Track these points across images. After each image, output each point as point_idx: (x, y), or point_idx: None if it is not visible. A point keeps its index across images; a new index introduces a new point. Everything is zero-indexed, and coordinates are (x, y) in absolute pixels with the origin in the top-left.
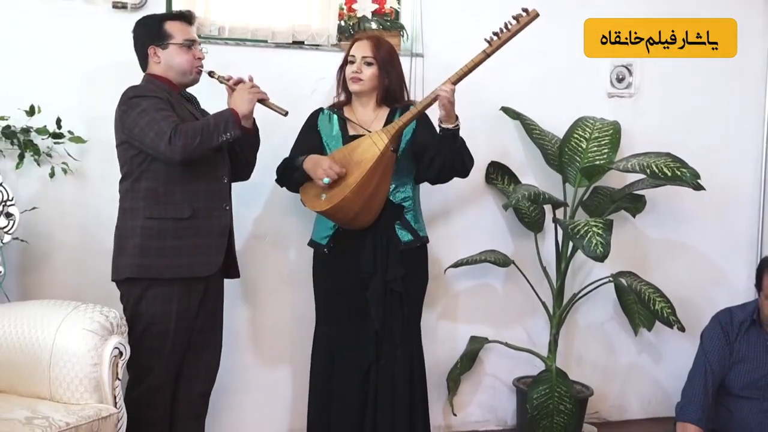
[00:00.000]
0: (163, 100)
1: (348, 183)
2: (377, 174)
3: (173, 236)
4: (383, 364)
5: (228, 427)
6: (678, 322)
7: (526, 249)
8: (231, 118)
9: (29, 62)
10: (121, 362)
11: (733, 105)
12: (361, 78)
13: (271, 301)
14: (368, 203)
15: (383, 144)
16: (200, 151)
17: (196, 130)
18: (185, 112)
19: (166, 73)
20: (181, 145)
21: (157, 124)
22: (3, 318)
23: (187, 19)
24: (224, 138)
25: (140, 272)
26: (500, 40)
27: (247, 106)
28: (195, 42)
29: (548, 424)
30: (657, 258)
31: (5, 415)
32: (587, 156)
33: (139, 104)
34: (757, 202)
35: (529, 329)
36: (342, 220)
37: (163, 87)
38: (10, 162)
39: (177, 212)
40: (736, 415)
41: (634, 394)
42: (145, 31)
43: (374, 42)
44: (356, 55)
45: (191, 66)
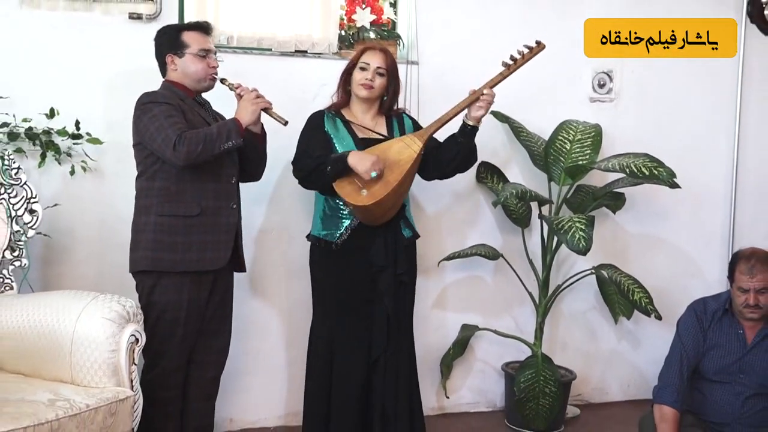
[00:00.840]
0: (174, 107)
1: (389, 181)
2: (411, 175)
3: (183, 232)
4: (391, 353)
5: (236, 407)
6: (655, 311)
7: (513, 243)
8: (234, 128)
9: (50, 69)
10: (137, 348)
11: (706, 108)
12: (373, 86)
13: (278, 292)
14: (397, 201)
15: (418, 147)
16: (203, 158)
17: (200, 138)
18: (197, 118)
19: (182, 79)
20: (185, 152)
21: (164, 131)
22: (27, 307)
23: (204, 29)
24: (227, 146)
25: (153, 265)
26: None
27: (250, 117)
28: (210, 51)
29: (534, 405)
30: (636, 251)
31: (30, 397)
32: (571, 157)
33: (151, 110)
34: (729, 199)
35: (517, 318)
36: (374, 214)
37: (179, 93)
38: (32, 161)
39: (187, 210)
40: (709, 398)
41: (615, 378)
42: (164, 40)
43: (387, 54)
44: (371, 63)
45: (205, 74)
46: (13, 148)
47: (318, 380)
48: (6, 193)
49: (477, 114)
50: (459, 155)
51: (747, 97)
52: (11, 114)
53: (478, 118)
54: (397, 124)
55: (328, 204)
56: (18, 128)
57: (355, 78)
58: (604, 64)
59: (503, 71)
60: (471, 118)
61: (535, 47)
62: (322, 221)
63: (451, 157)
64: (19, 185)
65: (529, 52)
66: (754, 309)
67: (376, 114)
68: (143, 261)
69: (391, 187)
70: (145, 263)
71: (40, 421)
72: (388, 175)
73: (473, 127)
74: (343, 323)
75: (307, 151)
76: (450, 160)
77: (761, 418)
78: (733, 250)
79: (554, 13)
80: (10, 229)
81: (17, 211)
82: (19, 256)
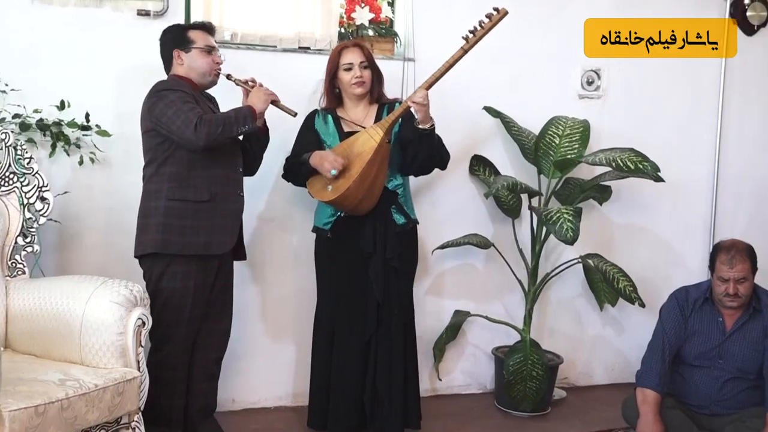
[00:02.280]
0: (189, 94)
1: (351, 174)
2: (376, 164)
3: (193, 217)
4: (383, 332)
5: (238, 389)
6: (639, 298)
7: (504, 233)
8: (249, 113)
9: (61, 63)
10: (144, 331)
11: (689, 106)
12: (364, 81)
13: (277, 279)
14: (370, 191)
15: (379, 137)
16: (222, 139)
17: (219, 120)
18: (206, 108)
19: (188, 74)
20: (206, 132)
21: (184, 114)
22: (39, 291)
23: (208, 29)
24: (243, 129)
25: (162, 247)
26: (475, 37)
27: (263, 105)
28: (214, 48)
29: (522, 388)
30: (621, 242)
31: (41, 377)
32: (560, 151)
33: (168, 96)
34: (711, 192)
35: (507, 304)
36: (348, 207)
37: (186, 86)
38: (43, 151)
39: (197, 195)
40: (689, 382)
41: (600, 363)
42: (171, 37)
43: (361, 47)
44: (353, 62)
45: (210, 68)
46: (25, 138)
47: (321, 361)
48: (18, 181)
49: (418, 116)
50: (417, 156)
51: (729, 95)
52: (23, 106)
53: (421, 120)
54: (387, 113)
55: None
56: (29, 119)
57: (344, 80)
58: (592, 63)
59: (464, 45)
60: (417, 122)
61: (496, 15)
62: (319, 212)
63: (411, 157)
64: (31, 174)
65: (489, 21)
66: (734, 298)
67: (367, 105)
68: (152, 243)
69: (352, 179)
70: (155, 246)
71: (51, 400)
72: (350, 168)
73: (421, 130)
74: (340, 307)
75: (297, 151)
76: (411, 159)
77: (738, 401)
78: (714, 242)
79: (546, 13)
80: (22, 216)
81: (29, 199)
82: (31, 242)
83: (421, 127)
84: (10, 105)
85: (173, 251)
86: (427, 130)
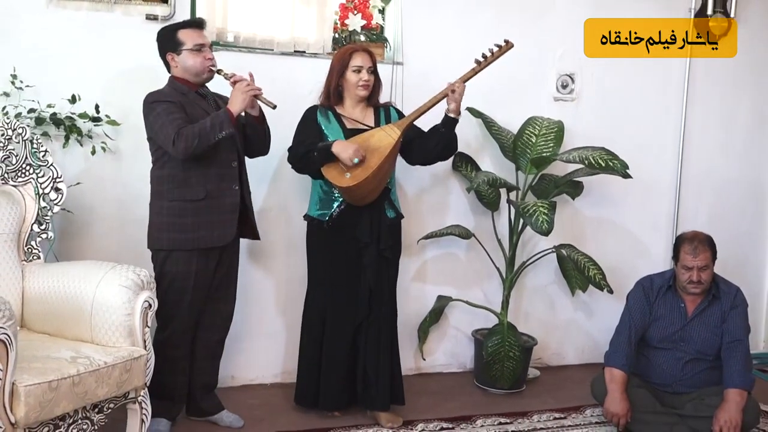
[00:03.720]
0: (175, 104)
1: (370, 165)
2: (390, 160)
3: (192, 214)
4: (373, 319)
5: (237, 366)
6: (607, 285)
7: (484, 224)
8: (226, 119)
9: (74, 62)
10: (150, 313)
11: (656, 108)
12: (369, 85)
13: (274, 265)
14: (379, 184)
15: (397, 135)
16: (200, 150)
17: (195, 133)
18: (197, 111)
19: (183, 74)
20: (183, 147)
21: (165, 128)
22: (53, 275)
23: (197, 25)
24: (221, 136)
25: (169, 245)
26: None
27: (240, 105)
28: (204, 45)
29: (500, 368)
30: (591, 233)
31: (54, 354)
32: (536, 149)
33: (155, 109)
34: (674, 189)
35: (486, 290)
36: (358, 195)
37: (182, 88)
38: (57, 144)
39: (194, 194)
40: (653, 362)
41: (571, 344)
42: (162, 41)
43: (371, 53)
44: (363, 65)
45: (202, 67)
46: (40, 132)
47: (311, 343)
48: (34, 173)
49: (452, 106)
50: (440, 143)
51: (692, 97)
52: (37, 101)
53: (455, 110)
54: (384, 116)
55: (323, 188)
56: (44, 113)
57: (351, 80)
58: (567, 68)
59: (475, 67)
60: (450, 110)
61: (504, 46)
62: (316, 203)
63: (433, 145)
64: (46, 166)
65: (498, 50)
66: (697, 284)
67: (364, 107)
68: (158, 241)
69: (371, 170)
70: (160, 243)
71: (63, 376)
72: (368, 160)
73: (453, 118)
74: (333, 292)
75: (301, 140)
76: (432, 147)
77: (698, 380)
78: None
79: (524, 21)
80: (37, 206)
81: (44, 189)
82: (46, 230)
83: (452, 116)
84: (26, 101)
85: (177, 247)
86: (456, 118)
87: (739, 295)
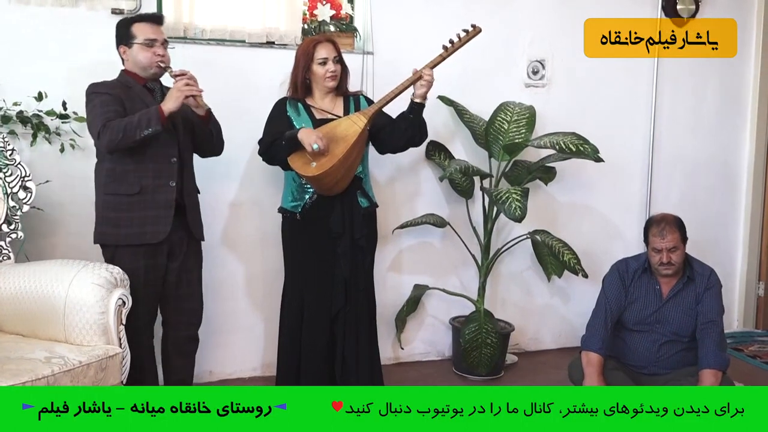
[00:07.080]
0: (113, 96)
1: (335, 153)
2: (357, 148)
3: (126, 209)
4: (350, 308)
5: (215, 361)
6: (582, 270)
7: (459, 212)
8: (155, 116)
9: (39, 59)
10: (125, 310)
11: (626, 93)
12: (337, 75)
13: (249, 258)
14: (347, 172)
15: (363, 123)
16: (124, 144)
17: (121, 127)
18: (139, 105)
19: (133, 68)
20: (107, 140)
21: (95, 120)
22: (24, 275)
23: (153, 20)
24: (146, 133)
25: (102, 239)
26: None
27: (172, 104)
28: (156, 41)
29: (478, 354)
30: (565, 218)
31: (28, 355)
32: (508, 135)
33: (92, 100)
34: (646, 172)
35: (462, 278)
36: (326, 185)
37: (129, 81)
38: (25, 143)
39: (128, 189)
40: (630, 345)
41: (548, 329)
42: (118, 33)
43: (334, 42)
44: (328, 56)
45: (150, 62)
46: (7, 131)
47: (289, 334)
48: (2, 172)
49: (420, 92)
50: (408, 129)
51: (662, 83)
52: (3, 99)
53: (422, 95)
54: (353, 105)
55: (295, 181)
56: (10, 111)
57: (319, 73)
58: (537, 54)
59: (442, 53)
60: (416, 96)
61: (472, 31)
62: (290, 195)
63: (402, 132)
64: (14, 165)
65: (465, 35)
66: (668, 266)
67: (334, 97)
68: (96, 236)
69: (337, 158)
70: (97, 237)
71: (38, 377)
72: (334, 148)
73: (419, 104)
74: (309, 283)
75: (270, 132)
76: (401, 134)
77: (673, 361)
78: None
79: (494, 7)
80: (6, 205)
81: (13, 189)
82: (16, 229)
83: (418, 101)
84: None
85: (110, 242)
86: (422, 104)
87: (713, 276)
